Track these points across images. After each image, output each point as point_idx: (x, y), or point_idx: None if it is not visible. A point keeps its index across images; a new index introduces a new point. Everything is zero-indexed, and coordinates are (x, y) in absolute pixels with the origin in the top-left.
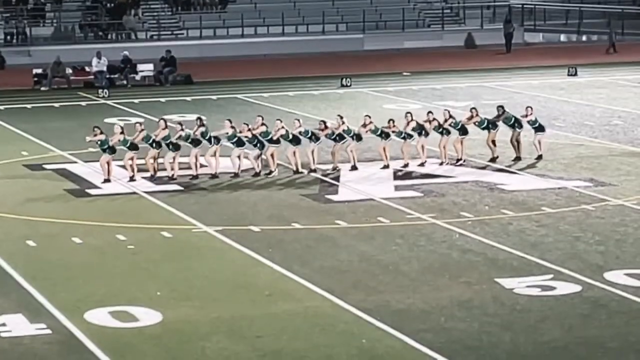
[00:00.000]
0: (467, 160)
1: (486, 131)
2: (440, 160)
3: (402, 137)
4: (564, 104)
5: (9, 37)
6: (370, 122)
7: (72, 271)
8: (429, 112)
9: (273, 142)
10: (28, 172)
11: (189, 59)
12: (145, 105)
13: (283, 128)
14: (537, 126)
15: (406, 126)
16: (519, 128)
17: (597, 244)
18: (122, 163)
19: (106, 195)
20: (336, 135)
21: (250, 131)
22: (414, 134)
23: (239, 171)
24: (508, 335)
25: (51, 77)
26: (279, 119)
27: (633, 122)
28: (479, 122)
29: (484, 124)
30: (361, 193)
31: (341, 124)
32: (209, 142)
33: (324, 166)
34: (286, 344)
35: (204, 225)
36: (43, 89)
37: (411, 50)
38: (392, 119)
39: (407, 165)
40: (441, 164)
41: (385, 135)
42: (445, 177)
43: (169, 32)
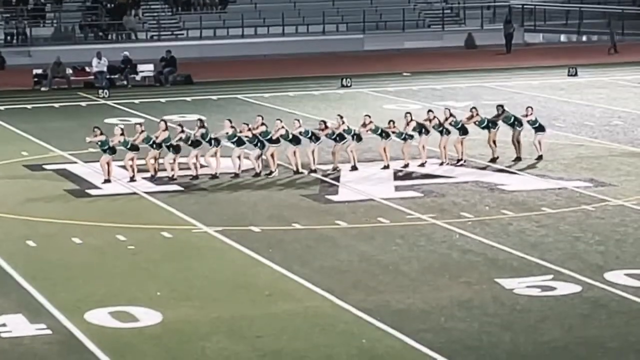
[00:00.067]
0: (467, 161)
1: (486, 131)
2: (441, 161)
3: (403, 137)
4: (564, 104)
5: (9, 38)
6: (370, 122)
7: (72, 271)
8: (429, 110)
9: (273, 141)
10: (28, 173)
11: (189, 59)
12: (145, 106)
13: (283, 128)
14: (537, 126)
15: (406, 126)
16: (519, 127)
17: (597, 244)
18: (123, 163)
19: (106, 196)
20: (336, 135)
21: (250, 131)
22: (414, 134)
23: (239, 171)
24: (508, 336)
25: (51, 77)
26: (279, 119)
27: (633, 122)
28: (479, 122)
29: (484, 124)
30: (361, 193)
31: (341, 123)
32: (209, 143)
33: (324, 166)
34: (286, 344)
35: (204, 225)
36: (43, 89)
37: (411, 50)
38: (392, 120)
39: (407, 165)
40: (441, 164)
41: (385, 135)
42: (446, 177)
43: (169, 33)
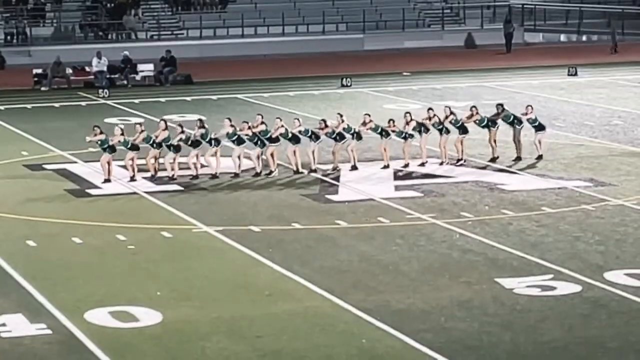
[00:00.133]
0: (467, 160)
1: (486, 130)
2: (441, 160)
3: (403, 136)
4: (564, 104)
5: (9, 37)
6: (370, 121)
7: (72, 271)
8: (429, 108)
9: (272, 140)
10: (28, 172)
11: (189, 59)
12: (145, 106)
13: (283, 127)
14: (537, 125)
15: (405, 126)
16: (518, 125)
17: (597, 244)
18: (123, 163)
19: (106, 196)
20: (336, 135)
21: (251, 129)
22: (414, 133)
23: (239, 171)
24: (508, 335)
25: (51, 77)
26: (279, 118)
27: (633, 122)
28: (479, 121)
29: (483, 122)
30: (361, 193)
31: (341, 122)
32: (209, 144)
33: (324, 166)
34: (286, 344)
35: (204, 225)
36: (43, 89)
37: (411, 50)
38: (392, 119)
39: (407, 165)
40: (441, 163)
41: (385, 134)
42: (446, 177)
43: (169, 32)
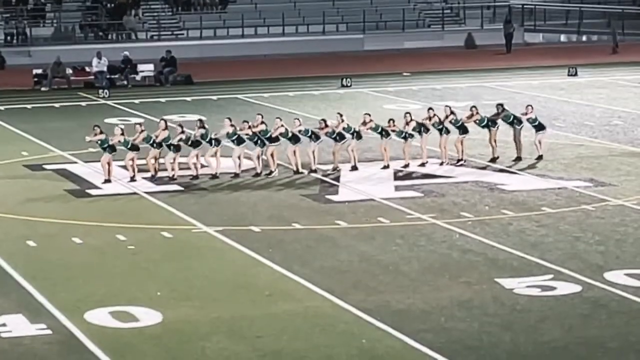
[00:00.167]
0: (467, 161)
1: (486, 130)
2: (441, 160)
3: (403, 136)
4: (564, 104)
5: (9, 38)
6: (370, 120)
7: (72, 271)
8: (430, 108)
9: (272, 140)
10: (28, 172)
11: (189, 59)
12: (145, 106)
13: (283, 126)
14: (537, 124)
15: (405, 126)
16: (517, 125)
17: (597, 244)
18: (123, 163)
19: (106, 196)
20: (336, 135)
21: (251, 128)
22: (414, 133)
23: (240, 171)
24: (508, 335)
25: (51, 77)
26: (279, 117)
27: (633, 122)
28: (479, 120)
29: (483, 122)
30: (361, 193)
31: (341, 121)
32: (209, 144)
33: (324, 166)
34: (286, 344)
35: (204, 225)
36: (43, 89)
37: (411, 50)
38: (392, 119)
39: (407, 165)
40: (441, 164)
41: (385, 134)
42: (446, 177)
43: (169, 33)
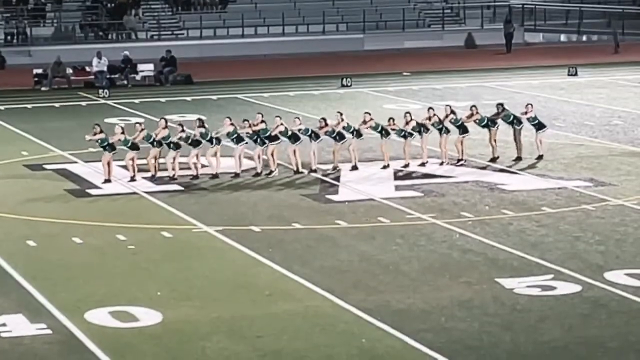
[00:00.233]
0: (467, 160)
1: (486, 129)
2: (441, 160)
3: (403, 135)
4: (564, 104)
5: (9, 37)
6: (370, 119)
7: (73, 271)
8: (430, 107)
9: (272, 138)
10: (28, 172)
11: (189, 59)
12: (145, 105)
13: (282, 125)
14: (537, 123)
15: (405, 126)
16: (517, 125)
17: (597, 244)
18: (124, 163)
19: (106, 196)
20: (336, 134)
21: (251, 127)
22: (414, 133)
23: (240, 171)
24: (508, 335)
25: (51, 77)
26: (278, 116)
27: (633, 122)
28: (479, 120)
29: (483, 122)
30: (361, 193)
31: (341, 120)
32: (210, 142)
33: (324, 166)
34: (286, 343)
35: (204, 225)
36: (43, 89)
37: (411, 50)
38: (392, 118)
39: (407, 165)
40: (441, 163)
41: (385, 133)
42: (446, 177)
43: (169, 32)
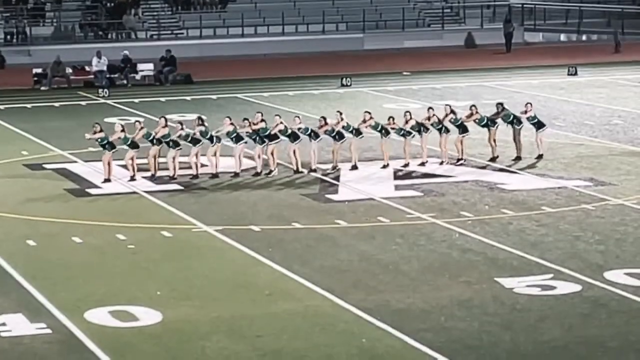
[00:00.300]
0: (467, 160)
1: (486, 129)
2: (441, 160)
3: (402, 134)
4: (564, 103)
5: (9, 37)
6: (370, 118)
7: (72, 271)
8: (430, 107)
9: (271, 137)
10: (28, 172)
11: (189, 58)
12: (145, 105)
13: (282, 123)
14: (537, 122)
15: (405, 124)
16: (517, 125)
17: (597, 244)
18: (124, 162)
19: (106, 195)
20: (336, 133)
21: (251, 126)
22: (413, 132)
23: (240, 170)
24: (508, 335)
25: (51, 76)
26: (278, 115)
27: (633, 121)
28: (478, 120)
29: (483, 122)
30: (361, 192)
31: (340, 120)
32: (210, 141)
33: (324, 166)
34: (286, 343)
35: (204, 224)
36: (43, 88)
37: (411, 49)
38: (392, 117)
39: (407, 164)
40: (441, 163)
41: (385, 132)
42: (445, 176)
43: (169, 32)
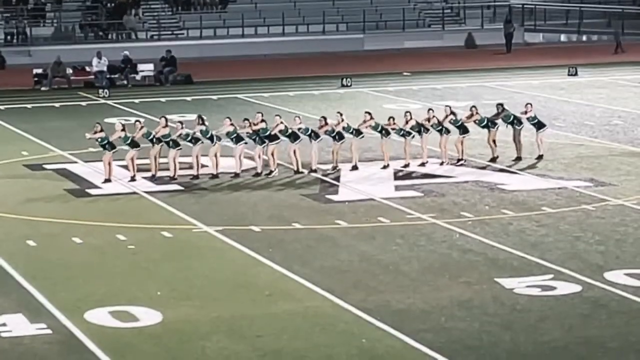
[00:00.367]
0: (467, 160)
1: (486, 130)
2: (441, 160)
3: (402, 134)
4: (564, 103)
5: (9, 37)
6: (370, 119)
7: (73, 271)
8: (430, 109)
9: (272, 137)
10: (28, 172)
11: (189, 59)
12: (145, 105)
13: (282, 124)
14: (537, 122)
15: (405, 125)
16: (517, 125)
17: (597, 244)
18: (124, 162)
19: (106, 195)
20: (336, 134)
21: (251, 126)
22: (413, 132)
23: (240, 171)
24: (508, 335)
25: (51, 77)
26: (278, 115)
27: (633, 122)
28: (478, 120)
29: (483, 122)
30: (361, 193)
31: (341, 120)
32: (210, 140)
33: (324, 166)
34: (286, 343)
35: (205, 225)
36: (43, 89)
37: (411, 50)
38: (392, 117)
39: (407, 165)
40: (441, 163)
41: (385, 133)
42: (446, 177)
43: (169, 32)
